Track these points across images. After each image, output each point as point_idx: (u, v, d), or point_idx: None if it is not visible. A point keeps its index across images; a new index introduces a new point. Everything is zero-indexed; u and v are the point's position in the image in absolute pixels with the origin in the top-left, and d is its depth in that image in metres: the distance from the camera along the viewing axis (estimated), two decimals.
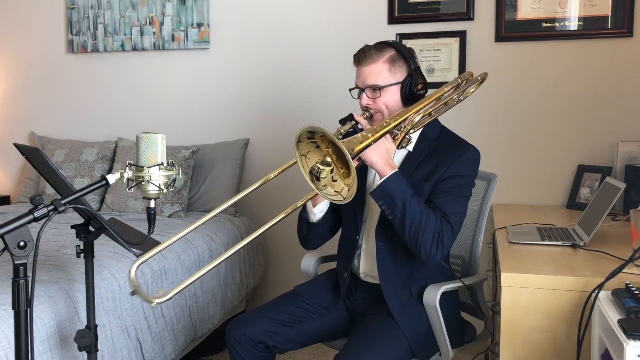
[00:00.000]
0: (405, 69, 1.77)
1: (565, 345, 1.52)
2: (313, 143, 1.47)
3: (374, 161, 1.60)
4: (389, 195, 1.60)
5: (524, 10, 2.83)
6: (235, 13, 3.28)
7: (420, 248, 1.61)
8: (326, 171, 1.49)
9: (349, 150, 1.41)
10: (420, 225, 1.59)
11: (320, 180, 1.49)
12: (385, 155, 1.61)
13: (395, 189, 1.59)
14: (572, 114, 2.82)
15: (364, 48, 1.78)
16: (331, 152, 1.47)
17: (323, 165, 1.48)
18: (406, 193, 1.60)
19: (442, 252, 1.63)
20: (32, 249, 1.28)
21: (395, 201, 1.59)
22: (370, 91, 1.76)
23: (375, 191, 1.62)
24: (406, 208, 1.59)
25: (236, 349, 1.77)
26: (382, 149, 1.61)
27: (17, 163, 3.69)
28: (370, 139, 1.51)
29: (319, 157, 1.48)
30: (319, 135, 1.44)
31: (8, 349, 1.59)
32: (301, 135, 1.45)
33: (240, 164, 3.18)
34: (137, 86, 3.48)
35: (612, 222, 2.29)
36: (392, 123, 1.59)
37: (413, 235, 1.60)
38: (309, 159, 1.49)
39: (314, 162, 1.48)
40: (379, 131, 1.54)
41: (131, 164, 1.42)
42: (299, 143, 1.46)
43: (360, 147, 1.47)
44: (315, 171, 1.48)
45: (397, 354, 1.67)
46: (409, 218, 1.59)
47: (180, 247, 2.50)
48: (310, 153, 1.48)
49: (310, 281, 2.01)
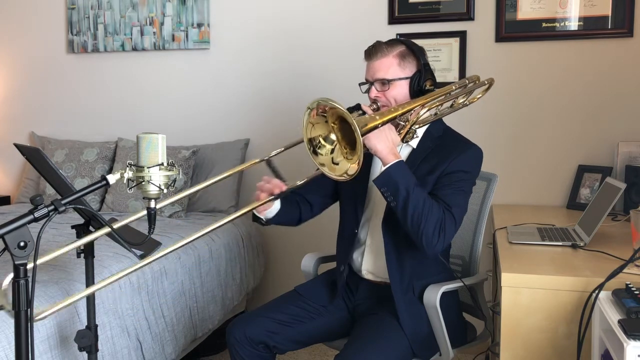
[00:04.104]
0: (415, 65, 1.78)
1: (565, 345, 1.52)
2: (323, 117, 1.48)
3: (378, 149, 1.60)
4: (392, 181, 1.59)
5: (524, 10, 2.83)
6: (235, 13, 3.28)
7: (422, 236, 1.60)
8: (326, 149, 1.50)
9: (360, 127, 1.42)
10: (422, 212, 1.59)
11: (318, 155, 1.50)
12: (390, 144, 1.61)
13: (399, 176, 1.59)
14: (572, 114, 2.82)
15: (375, 43, 1.80)
16: (336, 129, 1.47)
17: (325, 141, 1.49)
18: (409, 181, 1.60)
19: (443, 242, 1.62)
20: (32, 249, 1.28)
21: (398, 187, 1.59)
22: (379, 84, 1.77)
23: (378, 178, 1.61)
24: (409, 195, 1.58)
25: (236, 348, 1.77)
26: (388, 138, 1.61)
27: (17, 163, 3.69)
28: (379, 121, 1.52)
29: (324, 131, 1.49)
30: (330, 109, 1.45)
31: (8, 349, 1.59)
32: (318, 103, 1.46)
33: (240, 164, 3.18)
34: (137, 86, 3.48)
35: (612, 222, 2.29)
36: (399, 110, 1.61)
37: (415, 222, 1.59)
38: (315, 129, 1.50)
39: (317, 134, 1.49)
40: (386, 115, 1.56)
41: (131, 164, 1.42)
42: (310, 110, 1.48)
43: (370, 126, 1.49)
44: (315, 142, 1.49)
45: (398, 354, 1.67)
46: (412, 205, 1.58)
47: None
48: (318, 125, 1.50)
49: (310, 281, 2.01)
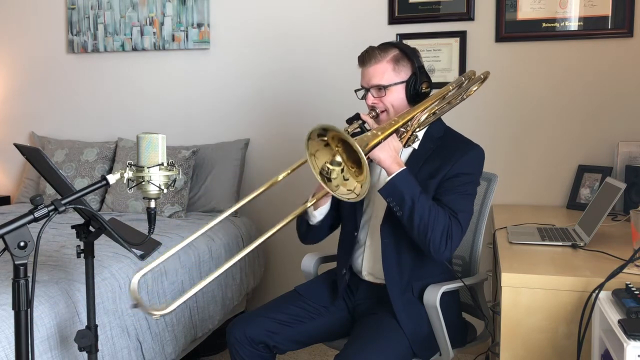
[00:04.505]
0: (409, 68, 1.78)
1: (565, 345, 1.52)
2: (322, 141, 1.48)
3: (381, 159, 1.60)
4: (397, 191, 1.60)
5: (524, 10, 2.83)
6: (235, 13, 3.28)
7: (430, 244, 1.61)
8: (336, 171, 1.50)
9: (362, 147, 1.42)
10: (429, 221, 1.59)
11: (332, 180, 1.49)
12: (393, 153, 1.62)
13: (404, 185, 1.60)
14: (572, 114, 2.82)
15: (368, 49, 1.79)
16: (341, 151, 1.47)
17: (333, 165, 1.49)
18: (414, 190, 1.60)
19: (450, 249, 1.63)
20: (32, 249, 1.28)
21: (404, 197, 1.59)
22: (375, 91, 1.77)
23: (383, 188, 1.62)
24: (415, 204, 1.59)
25: (236, 348, 1.78)
26: (390, 146, 1.61)
27: (17, 163, 3.69)
28: (380, 137, 1.52)
29: (327, 156, 1.49)
30: (330, 133, 1.45)
31: (8, 349, 1.59)
32: (312, 133, 1.45)
33: (240, 164, 3.18)
34: (137, 86, 3.48)
35: (612, 222, 2.29)
36: (399, 121, 1.60)
37: (422, 231, 1.60)
38: (317, 157, 1.50)
39: (322, 161, 1.49)
40: (387, 129, 1.55)
41: (131, 164, 1.42)
42: (308, 140, 1.47)
43: (372, 144, 1.48)
44: (325, 172, 1.49)
45: (398, 354, 1.67)
46: (418, 214, 1.59)
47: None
48: (319, 152, 1.49)
49: (310, 281, 2.01)
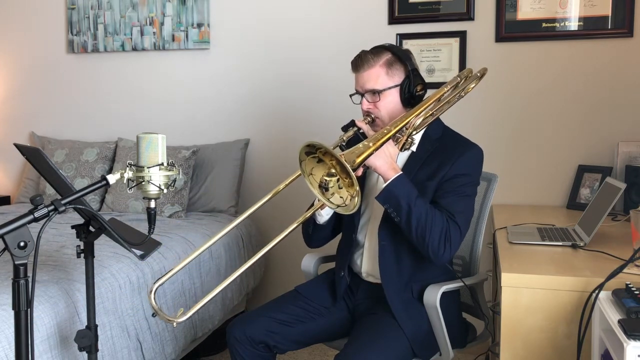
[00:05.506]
0: (403, 71, 1.77)
1: (565, 345, 1.52)
2: (314, 158, 1.49)
3: (377, 165, 1.61)
4: (393, 198, 1.61)
5: (524, 10, 2.83)
6: (236, 13, 3.28)
7: (428, 248, 1.62)
8: (332, 181, 1.51)
9: (350, 162, 1.44)
10: (426, 225, 1.60)
11: (329, 189, 1.50)
12: (389, 160, 1.62)
13: (400, 191, 1.60)
14: (572, 114, 2.82)
15: (360, 54, 1.79)
16: (334, 164, 1.48)
17: (329, 176, 1.50)
18: (411, 194, 1.61)
19: (450, 252, 1.63)
20: (32, 249, 1.28)
21: (400, 203, 1.60)
22: (370, 95, 1.77)
23: (380, 195, 1.63)
24: (411, 209, 1.59)
25: (237, 348, 1.78)
26: (386, 153, 1.62)
27: (17, 163, 3.69)
28: (372, 148, 1.53)
29: (323, 170, 1.50)
30: (319, 150, 1.46)
31: (8, 349, 1.59)
32: (300, 154, 1.47)
33: (240, 164, 3.18)
34: (137, 86, 3.48)
35: (612, 222, 2.29)
36: (392, 129, 1.60)
37: (420, 235, 1.61)
38: (314, 174, 1.51)
39: (319, 177, 1.50)
40: (380, 139, 1.56)
41: (131, 164, 1.42)
42: (302, 162, 1.48)
43: (360, 159, 1.50)
44: (323, 184, 1.50)
45: (398, 354, 1.67)
46: (415, 219, 1.60)
47: (180, 247, 2.50)
48: (315, 169, 1.50)
49: (310, 281, 2.01)
